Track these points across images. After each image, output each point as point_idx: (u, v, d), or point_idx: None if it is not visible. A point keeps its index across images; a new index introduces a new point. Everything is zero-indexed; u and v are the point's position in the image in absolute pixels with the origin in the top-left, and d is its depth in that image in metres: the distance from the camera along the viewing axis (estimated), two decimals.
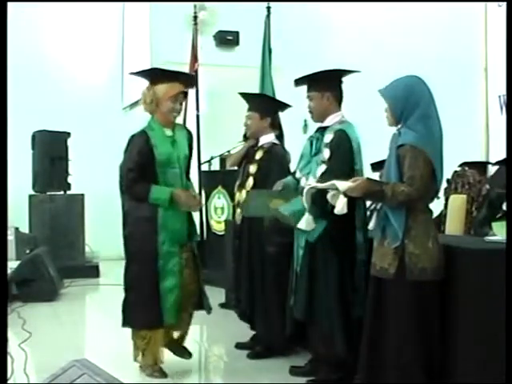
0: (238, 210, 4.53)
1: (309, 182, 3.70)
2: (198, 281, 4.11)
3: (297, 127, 4.44)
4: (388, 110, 3.19)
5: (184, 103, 4.11)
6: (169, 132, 4.00)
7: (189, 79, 4.26)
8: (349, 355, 3.61)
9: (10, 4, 7.16)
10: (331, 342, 3.64)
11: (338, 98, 3.84)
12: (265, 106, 4.52)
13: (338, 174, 3.46)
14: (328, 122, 3.78)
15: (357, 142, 3.70)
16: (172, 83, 3.92)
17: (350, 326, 3.60)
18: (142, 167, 3.87)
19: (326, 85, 3.79)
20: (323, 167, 3.66)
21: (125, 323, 4.04)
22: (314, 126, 4.00)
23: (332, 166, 3.62)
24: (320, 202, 3.42)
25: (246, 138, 4.74)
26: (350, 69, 3.87)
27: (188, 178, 4.15)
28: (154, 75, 3.99)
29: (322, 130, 3.80)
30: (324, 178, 3.59)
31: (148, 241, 3.89)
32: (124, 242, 4.02)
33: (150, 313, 3.90)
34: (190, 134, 4.20)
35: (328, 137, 3.71)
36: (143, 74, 4.09)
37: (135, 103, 9.37)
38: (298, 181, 3.86)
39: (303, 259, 3.72)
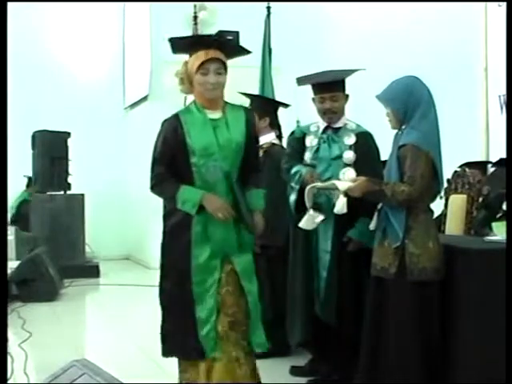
0: None
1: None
2: (245, 305, 3.23)
3: (288, 128, 4.41)
4: (390, 113, 3.18)
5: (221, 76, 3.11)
6: (213, 114, 3.20)
7: (222, 43, 3.25)
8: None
9: (10, 3, 7.16)
10: (352, 345, 3.61)
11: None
12: (263, 106, 4.52)
13: (374, 174, 3.39)
14: (341, 122, 3.77)
15: None
16: (199, 52, 3.15)
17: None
18: (170, 159, 3.17)
19: (344, 85, 3.80)
20: (351, 171, 3.58)
21: (163, 351, 3.43)
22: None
23: (368, 170, 3.49)
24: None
25: None
26: (351, 68, 3.89)
27: (245, 177, 3.23)
28: (180, 45, 3.27)
29: (333, 131, 3.75)
30: None
31: (180, 253, 3.23)
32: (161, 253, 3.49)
33: (185, 341, 3.22)
34: (249, 114, 3.32)
35: (349, 139, 3.68)
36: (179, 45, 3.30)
37: (135, 103, 9.39)
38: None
39: (331, 264, 3.65)
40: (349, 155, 3.65)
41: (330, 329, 3.70)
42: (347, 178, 3.32)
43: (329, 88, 3.74)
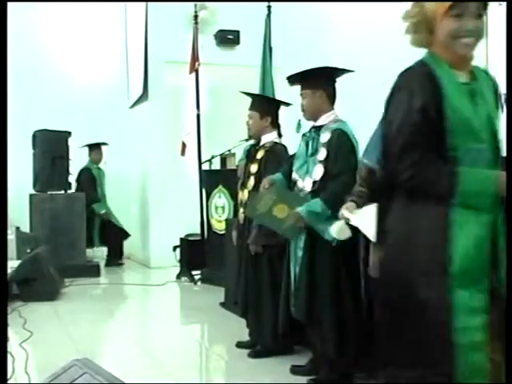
0: (241, 209, 4.54)
1: (305, 184, 3.71)
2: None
3: (291, 126, 4.39)
4: None
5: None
6: (463, 78, 2.21)
7: None
8: (348, 354, 3.64)
9: (13, 4, 7.17)
10: (331, 343, 3.65)
11: (331, 97, 3.81)
12: (264, 105, 4.52)
13: (342, 172, 3.53)
14: (322, 121, 3.77)
15: (356, 141, 3.70)
16: None
17: (350, 326, 3.62)
18: (429, 139, 2.13)
19: (317, 82, 3.78)
20: (320, 167, 3.65)
21: None
22: (307, 126, 3.99)
23: (333, 168, 3.61)
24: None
25: (250, 136, 4.73)
26: (346, 68, 3.85)
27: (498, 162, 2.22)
28: None
29: (316, 130, 3.78)
30: (324, 180, 3.61)
31: (428, 283, 2.12)
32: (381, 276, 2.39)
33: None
34: (494, 82, 2.35)
35: (324, 136, 3.69)
36: None
37: (134, 103, 9.39)
38: (294, 182, 3.84)
39: (303, 260, 3.72)
40: (321, 153, 3.68)
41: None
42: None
43: (301, 84, 3.82)
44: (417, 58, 2.29)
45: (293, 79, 3.87)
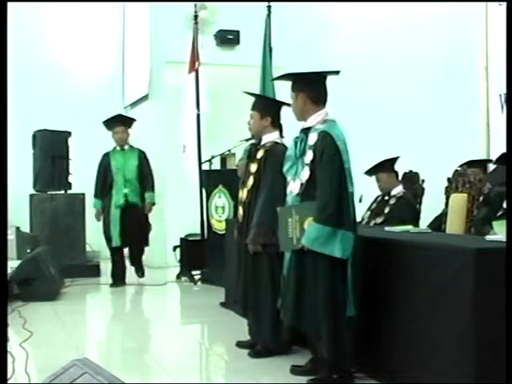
0: (240, 208, 4.54)
1: (294, 186, 3.72)
2: None
3: (292, 127, 4.38)
4: None
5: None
6: None
7: None
8: (347, 355, 3.63)
9: (11, 3, 7.17)
10: (322, 345, 3.65)
11: (315, 99, 3.76)
12: (264, 105, 4.53)
13: (326, 178, 3.53)
14: (310, 122, 3.75)
15: (342, 141, 3.63)
16: None
17: (341, 327, 3.61)
18: None
19: (297, 86, 3.80)
20: (307, 170, 3.65)
21: None
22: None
23: (319, 171, 3.59)
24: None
25: (253, 136, 4.73)
26: (330, 70, 3.80)
27: None
28: None
29: (305, 131, 3.77)
30: (310, 183, 3.61)
31: None
32: None
33: None
34: None
35: (311, 139, 3.67)
36: None
37: (135, 103, 9.39)
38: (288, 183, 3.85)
39: (290, 262, 3.72)
40: (308, 155, 3.68)
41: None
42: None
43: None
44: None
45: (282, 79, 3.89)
